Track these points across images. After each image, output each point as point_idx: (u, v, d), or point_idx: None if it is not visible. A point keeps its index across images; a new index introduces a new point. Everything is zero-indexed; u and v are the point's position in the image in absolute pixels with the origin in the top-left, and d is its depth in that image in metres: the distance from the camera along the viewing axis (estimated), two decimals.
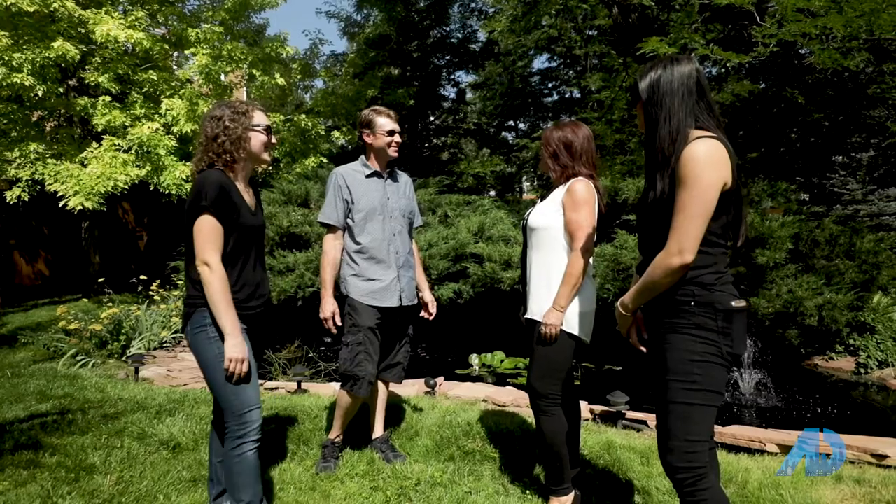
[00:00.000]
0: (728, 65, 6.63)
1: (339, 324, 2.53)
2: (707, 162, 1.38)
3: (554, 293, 2.04)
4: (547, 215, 2.10)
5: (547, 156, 2.13)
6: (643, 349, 1.68)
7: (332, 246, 2.57)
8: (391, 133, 2.54)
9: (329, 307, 2.52)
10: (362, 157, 2.65)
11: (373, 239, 2.52)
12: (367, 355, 2.47)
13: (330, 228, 2.58)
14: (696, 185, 1.37)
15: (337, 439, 2.66)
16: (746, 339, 1.50)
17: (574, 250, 2.01)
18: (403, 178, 2.73)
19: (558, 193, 2.10)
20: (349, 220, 2.55)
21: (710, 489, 1.45)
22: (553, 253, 2.08)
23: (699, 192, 1.37)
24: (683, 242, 1.39)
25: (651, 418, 3.21)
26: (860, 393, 4.54)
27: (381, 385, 2.73)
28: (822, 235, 5.39)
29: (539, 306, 2.08)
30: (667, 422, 1.48)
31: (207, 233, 1.80)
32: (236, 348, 1.81)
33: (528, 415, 3.23)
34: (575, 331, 2.04)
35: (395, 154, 2.58)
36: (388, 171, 2.63)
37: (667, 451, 1.48)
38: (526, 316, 2.15)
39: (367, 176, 2.58)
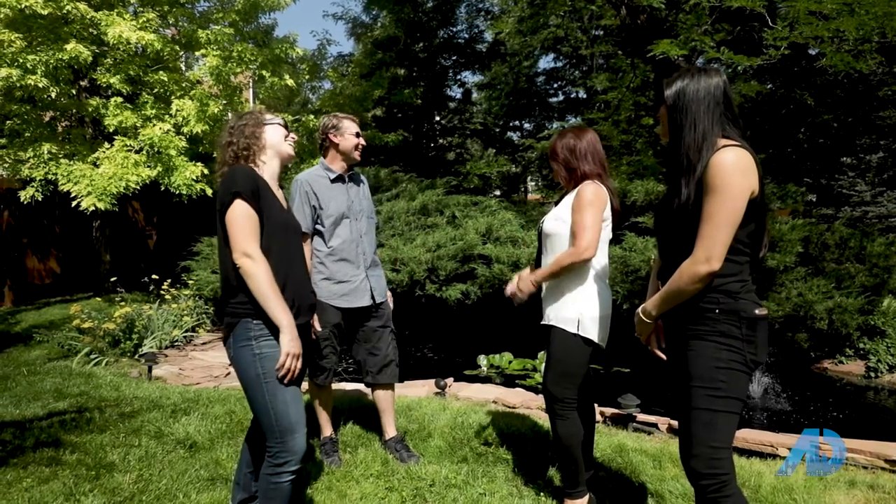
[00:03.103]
0: (738, 67, 6.60)
1: (319, 328, 2.56)
2: (736, 170, 1.38)
3: (569, 298, 2.06)
4: (561, 221, 2.12)
5: (556, 165, 2.18)
6: (663, 357, 1.68)
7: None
8: (358, 135, 2.63)
9: None
10: (322, 160, 2.69)
11: (342, 241, 2.61)
12: (332, 349, 2.64)
13: None
14: (725, 192, 1.37)
15: (332, 435, 2.76)
16: (767, 347, 1.50)
17: (574, 247, 2.02)
18: (363, 179, 2.82)
19: (570, 198, 2.13)
20: (318, 226, 2.62)
21: (734, 496, 1.46)
22: None
23: (728, 200, 1.37)
24: (711, 250, 1.39)
25: (662, 421, 3.22)
26: (871, 397, 4.53)
27: (379, 391, 2.76)
28: (832, 238, 5.37)
29: (555, 312, 2.10)
30: (690, 428, 1.49)
31: (243, 221, 1.63)
32: (293, 343, 1.66)
33: (538, 417, 3.25)
34: (593, 336, 2.06)
35: (359, 157, 2.68)
36: (349, 174, 2.70)
37: (691, 457, 1.49)
38: (542, 322, 2.17)
39: (332, 181, 2.64)
